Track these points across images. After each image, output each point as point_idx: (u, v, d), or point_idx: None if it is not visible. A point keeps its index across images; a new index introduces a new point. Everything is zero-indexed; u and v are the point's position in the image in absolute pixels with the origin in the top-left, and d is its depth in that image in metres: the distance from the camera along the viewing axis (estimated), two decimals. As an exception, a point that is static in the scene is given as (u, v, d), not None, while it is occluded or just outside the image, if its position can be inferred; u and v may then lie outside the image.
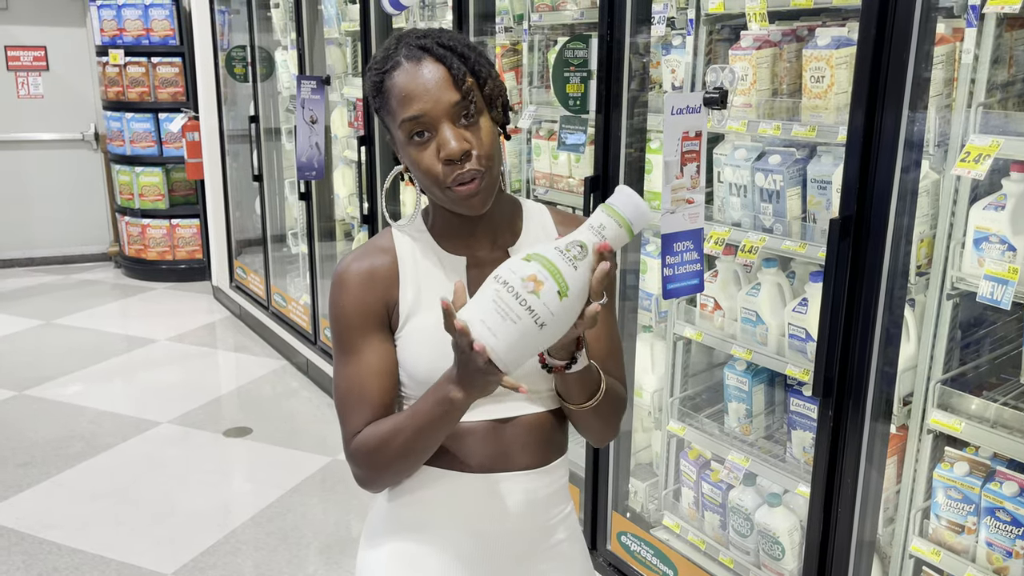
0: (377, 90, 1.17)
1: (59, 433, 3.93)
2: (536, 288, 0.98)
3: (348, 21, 3.99)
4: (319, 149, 4.02)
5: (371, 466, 1.21)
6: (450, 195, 1.16)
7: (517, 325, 0.99)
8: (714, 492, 2.44)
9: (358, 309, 1.22)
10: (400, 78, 1.14)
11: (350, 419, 1.22)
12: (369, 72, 1.19)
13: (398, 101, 1.14)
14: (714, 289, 2.38)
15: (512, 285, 0.99)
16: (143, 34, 6.23)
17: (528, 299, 0.98)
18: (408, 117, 1.13)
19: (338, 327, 1.23)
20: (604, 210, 1.04)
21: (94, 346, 5.09)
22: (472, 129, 1.14)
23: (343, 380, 1.23)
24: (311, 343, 4.57)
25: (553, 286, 0.99)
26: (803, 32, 2.18)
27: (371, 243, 1.27)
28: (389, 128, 1.20)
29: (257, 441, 3.89)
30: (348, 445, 1.23)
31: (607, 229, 1.03)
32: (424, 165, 1.15)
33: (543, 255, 1.01)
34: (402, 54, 1.15)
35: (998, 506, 1.75)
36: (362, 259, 1.24)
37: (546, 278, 0.99)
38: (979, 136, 1.66)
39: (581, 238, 1.02)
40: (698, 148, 1.64)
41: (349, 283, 1.22)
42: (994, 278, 1.64)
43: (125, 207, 6.50)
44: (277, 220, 5.30)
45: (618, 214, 1.03)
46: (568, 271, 1.00)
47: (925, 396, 1.85)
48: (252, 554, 2.99)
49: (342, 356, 1.23)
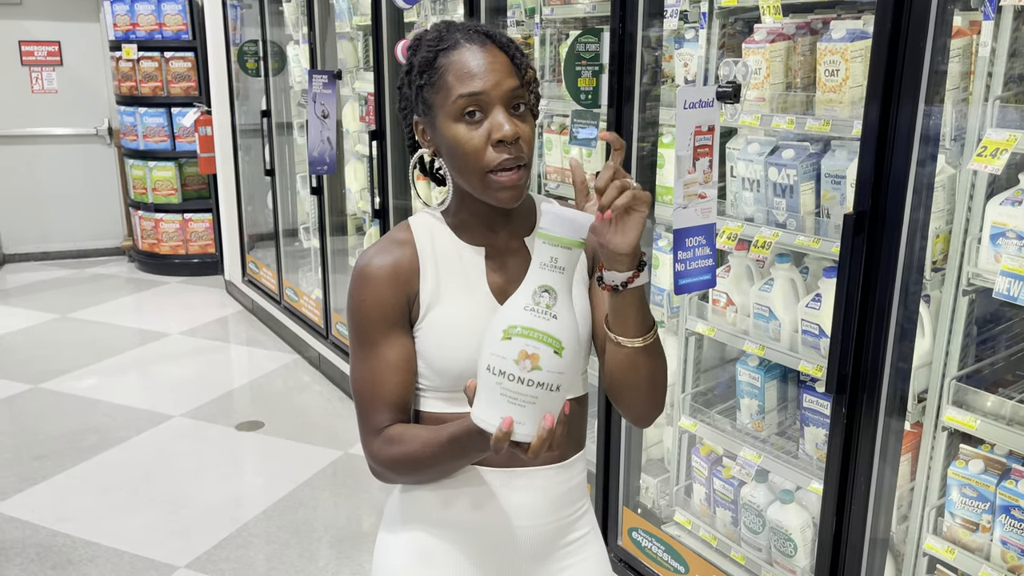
0: (428, 65, 1.17)
1: (73, 426, 3.96)
2: (534, 364, 0.96)
3: (360, 15, 3.99)
4: (331, 144, 4.02)
5: (396, 473, 1.23)
6: (489, 182, 1.15)
7: (537, 403, 0.98)
8: (726, 488, 2.43)
9: (380, 305, 1.21)
10: (461, 56, 1.15)
11: (371, 416, 1.23)
12: (417, 49, 1.19)
13: (457, 76, 1.14)
14: (727, 284, 2.36)
15: (510, 373, 0.97)
16: (156, 29, 6.25)
17: (532, 377, 0.96)
18: (468, 92, 1.13)
19: (358, 323, 1.23)
20: (545, 241, 0.99)
21: (108, 340, 5.12)
22: (521, 118, 1.16)
23: (362, 376, 1.23)
24: (323, 337, 4.59)
25: (547, 350, 0.96)
26: (817, 25, 2.16)
27: (390, 237, 1.26)
28: (432, 106, 1.18)
29: (269, 435, 3.90)
30: (370, 443, 1.23)
31: (560, 259, 0.99)
32: (472, 145, 1.14)
33: (519, 325, 0.97)
34: (460, 36, 1.17)
35: (1013, 504, 1.74)
36: (384, 254, 1.23)
37: (536, 347, 0.96)
38: (996, 130, 1.64)
39: (543, 283, 0.98)
40: (711, 142, 1.63)
41: (372, 279, 1.21)
42: (1011, 274, 1.62)
43: (138, 201, 6.53)
44: (289, 215, 5.31)
45: (559, 238, 0.98)
46: (551, 326, 0.97)
47: (940, 393, 1.84)
48: (264, 547, 3.01)
49: (361, 351, 1.23)
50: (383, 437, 1.21)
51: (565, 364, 0.98)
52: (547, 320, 0.97)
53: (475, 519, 1.26)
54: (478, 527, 1.26)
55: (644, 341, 1.17)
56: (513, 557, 1.28)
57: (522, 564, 1.28)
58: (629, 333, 1.17)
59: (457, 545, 1.27)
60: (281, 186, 5.26)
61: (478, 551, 1.27)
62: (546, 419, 0.99)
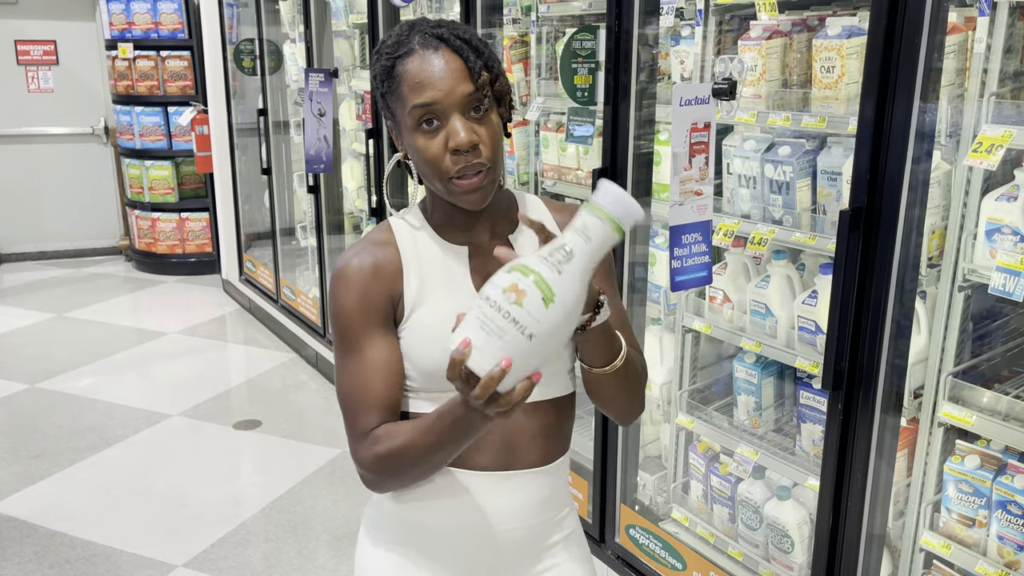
0: (387, 74, 1.16)
1: (71, 425, 3.96)
2: (518, 298, 0.93)
3: (356, 14, 3.99)
4: (327, 142, 4.02)
5: (383, 473, 1.18)
6: (451, 188, 1.15)
7: (503, 340, 0.93)
8: (723, 485, 2.43)
9: (362, 306, 1.19)
10: (414, 64, 1.13)
11: (357, 420, 1.19)
12: (379, 56, 1.17)
13: (410, 87, 1.13)
14: (723, 281, 2.37)
15: (494, 299, 0.94)
16: (152, 28, 6.24)
17: (511, 310, 0.92)
18: (420, 103, 1.12)
19: (341, 325, 1.20)
20: (588, 210, 0.96)
21: (105, 339, 5.12)
22: (481, 123, 1.14)
23: (348, 379, 1.20)
24: (320, 336, 4.58)
25: (536, 294, 0.93)
26: (813, 22, 2.16)
27: (369, 237, 1.24)
28: (395, 114, 1.18)
29: (267, 433, 3.90)
30: (357, 448, 1.19)
31: (591, 230, 0.95)
32: (430, 154, 1.13)
33: (523, 263, 0.95)
34: (416, 41, 1.14)
35: (1009, 499, 1.74)
36: (363, 254, 1.21)
37: (528, 287, 0.93)
38: (991, 126, 1.64)
39: (566, 242, 0.96)
40: (707, 139, 1.63)
41: (352, 279, 1.19)
42: (1006, 270, 1.62)
43: (135, 201, 6.52)
44: (286, 213, 5.31)
45: (603, 212, 0.95)
46: (552, 276, 0.94)
47: (936, 389, 1.84)
48: (262, 546, 3.01)
49: (345, 355, 1.20)
50: (370, 439, 1.17)
51: (548, 318, 0.93)
52: (552, 270, 0.94)
53: (459, 525, 1.25)
54: (462, 533, 1.25)
55: (612, 368, 1.17)
56: (497, 561, 1.27)
57: (507, 567, 1.28)
58: (596, 364, 1.17)
59: (441, 552, 1.26)
60: (278, 185, 5.25)
61: (462, 557, 1.26)
62: (504, 361, 0.93)
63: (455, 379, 0.96)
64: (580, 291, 0.96)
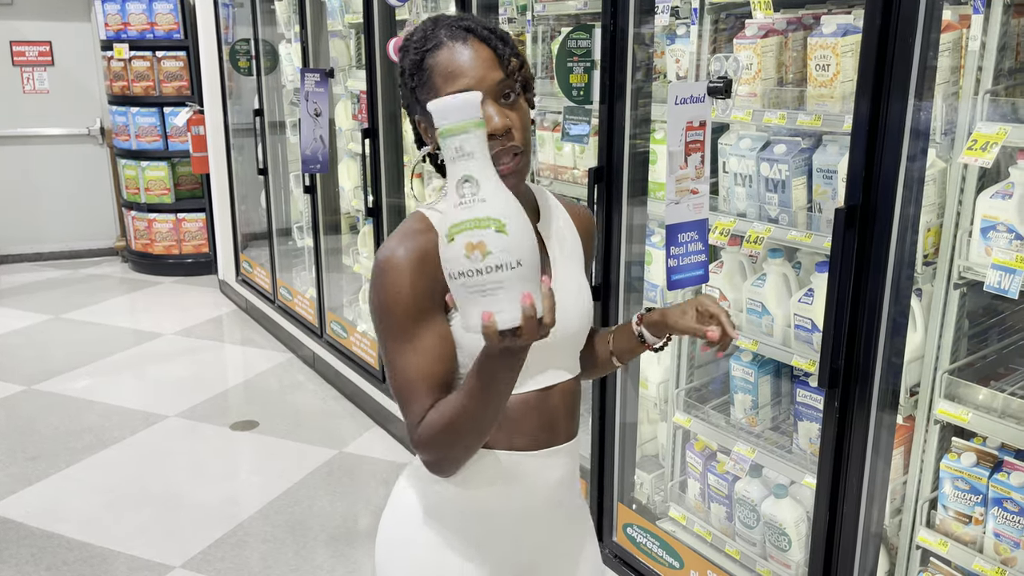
0: (417, 68, 1.19)
1: (68, 427, 3.95)
2: (482, 251, 0.94)
3: (351, 13, 3.98)
4: (323, 142, 4.01)
5: (444, 447, 1.19)
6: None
7: (505, 285, 0.95)
8: (720, 483, 2.43)
9: (414, 293, 1.18)
10: (444, 55, 1.17)
11: (414, 406, 1.19)
12: (406, 52, 1.21)
13: (443, 77, 1.16)
14: (719, 280, 2.37)
15: (467, 269, 0.95)
16: (147, 28, 6.23)
17: (487, 263, 0.94)
18: (453, 91, 1.14)
19: (392, 315, 1.19)
20: (444, 135, 0.97)
21: (102, 340, 5.11)
22: (512, 108, 1.18)
23: (405, 369, 1.19)
24: (317, 336, 4.58)
25: (488, 232, 0.94)
26: (808, 20, 2.16)
27: (408, 228, 1.23)
28: (423, 104, 1.20)
29: (264, 434, 3.90)
30: (416, 433, 1.20)
31: (465, 145, 0.97)
32: None
33: (455, 222, 0.96)
34: (444, 34, 1.18)
35: (1006, 496, 1.74)
36: (408, 242, 1.20)
37: (478, 235, 0.94)
38: (986, 124, 1.64)
39: (460, 174, 0.97)
40: (702, 138, 1.63)
41: (402, 268, 1.18)
42: (1002, 267, 1.63)
43: (131, 202, 6.51)
44: (282, 214, 5.30)
45: (456, 126, 0.96)
46: (482, 209, 0.95)
47: (932, 386, 1.84)
48: (259, 546, 3.00)
49: (399, 344, 1.19)
50: (426, 421, 1.19)
51: (513, 238, 0.95)
52: (476, 205, 0.96)
53: (517, 505, 1.30)
54: (521, 513, 1.31)
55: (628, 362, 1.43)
56: (540, 531, 1.34)
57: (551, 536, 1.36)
58: (623, 361, 1.44)
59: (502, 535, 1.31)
60: (274, 185, 5.25)
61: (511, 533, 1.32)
62: (524, 297, 0.96)
63: (500, 345, 0.99)
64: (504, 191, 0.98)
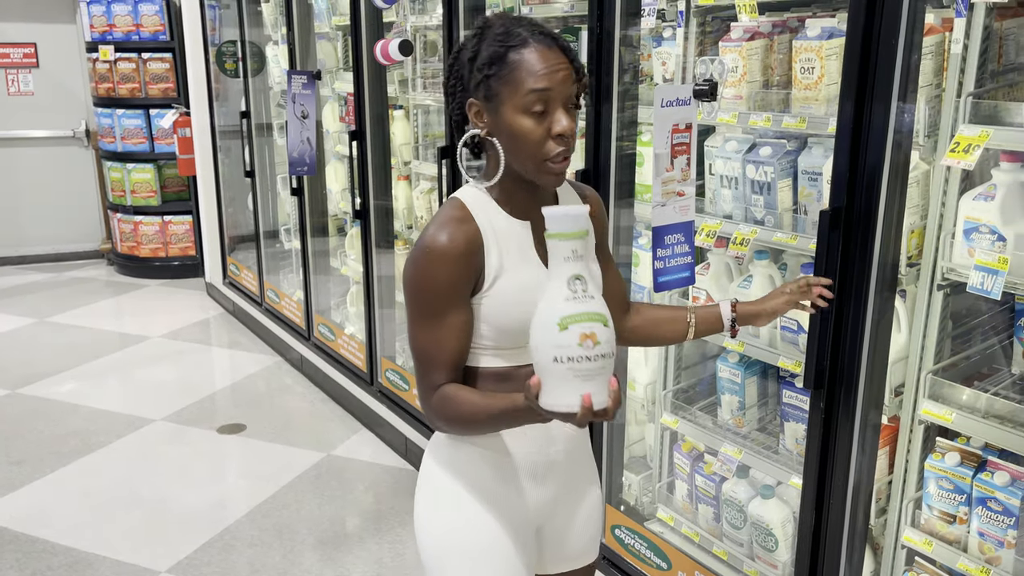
0: (499, 59, 1.30)
1: (53, 431, 3.92)
2: (593, 341, 1.11)
3: (339, 15, 3.98)
4: (310, 144, 4.00)
5: (447, 424, 1.39)
6: (543, 167, 1.32)
7: (603, 372, 1.13)
8: (708, 484, 2.44)
9: (451, 280, 1.33)
10: (533, 55, 1.29)
11: (431, 375, 1.37)
12: (483, 39, 1.32)
13: (529, 72, 1.28)
14: (706, 282, 2.38)
15: (578, 356, 1.11)
16: (133, 30, 6.20)
17: (596, 352, 1.11)
18: (539, 88, 1.28)
19: (426, 295, 1.34)
20: (559, 239, 1.12)
21: (87, 344, 5.07)
22: (573, 116, 1.33)
23: (425, 339, 1.36)
24: (305, 339, 4.57)
25: (598, 325, 1.11)
26: (794, 23, 2.18)
27: (449, 215, 1.36)
28: (497, 94, 1.30)
29: (251, 437, 3.88)
30: (429, 397, 1.38)
31: (578, 249, 1.13)
32: (536, 136, 1.30)
33: (568, 314, 1.11)
34: (527, 34, 1.30)
35: (989, 496, 1.76)
36: (453, 231, 1.33)
37: (591, 327, 1.11)
38: (968, 126, 1.66)
39: (572, 273, 1.13)
40: (688, 140, 1.64)
41: (446, 255, 1.32)
42: (984, 268, 1.64)
43: (117, 204, 6.47)
44: (269, 216, 5.28)
45: (571, 234, 1.12)
46: (593, 305, 1.12)
47: (916, 387, 1.85)
48: (246, 551, 2.99)
49: (425, 319, 1.35)
50: (439, 394, 1.37)
51: (611, 333, 1.13)
52: (588, 302, 1.12)
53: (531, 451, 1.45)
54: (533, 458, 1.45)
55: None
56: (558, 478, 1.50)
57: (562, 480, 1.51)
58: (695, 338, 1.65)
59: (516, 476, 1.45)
60: (261, 187, 5.23)
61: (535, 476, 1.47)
62: (611, 382, 1.14)
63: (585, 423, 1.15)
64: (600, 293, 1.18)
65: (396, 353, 3.87)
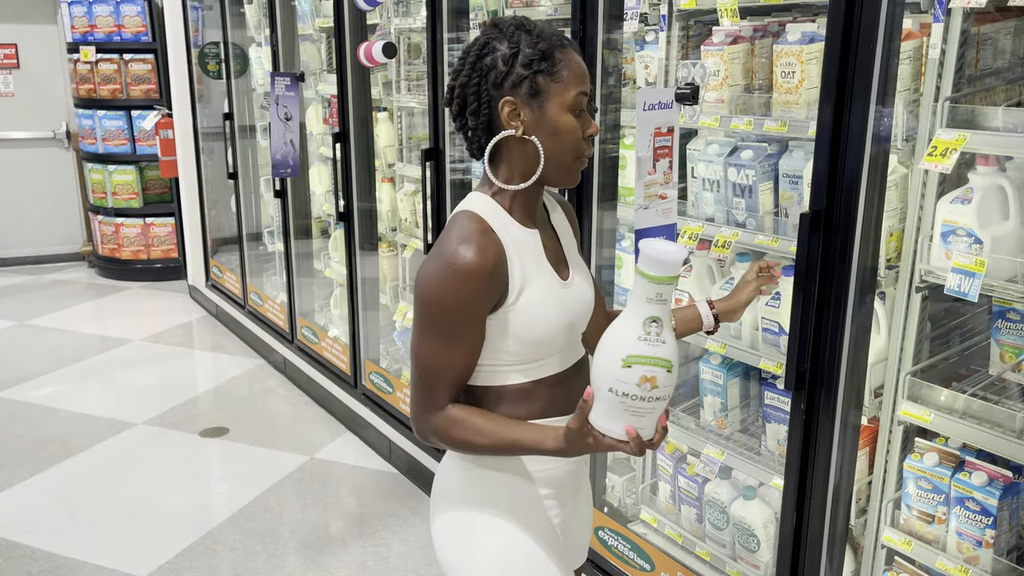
0: (547, 56, 1.30)
1: (32, 435, 3.88)
2: (652, 384, 1.14)
3: (323, 17, 3.97)
4: (294, 146, 3.99)
5: (449, 445, 1.36)
6: (574, 165, 1.35)
7: (655, 411, 1.17)
8: (690, 486, 2.45)
9: (476, 300, 1.29)
10: (575, 58, 1.32)
11: (434, 392, 1.34)
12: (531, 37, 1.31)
13: (575, 75, 1.31)
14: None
15: (634, 394, 1.14)
16: (115, 31, 6.16)
17: (652, 395, 1.14)
18: (583, 91, 1.32)
19: (445, 313, 1.29)
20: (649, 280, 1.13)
21: (68, 347, 5.03)
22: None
23: (436, 359, 1.32)
24: (288, 342, 4.55)
25: (662, 371, 1.14)
26: (775, 28, 2.19)
27: (470, 228, 1.31)
28: (543, 91, 1.30)
29: (234, 441, 3.86)
30: (429, 416, 1.34)
31: (663, 293, 1.13)
32: (577, 135, 1.33)
33: (637, 354, 1.13)
34: (564, 39, 1.33)
35: (967, 496, 1.77)
36: (483, 245, 1.29)
37: (654, 371, 1.14)
38: (946, 130, 1.68)
39: (652, 315, 1.14)
40: (670, 144, 1.65)
41: (476, 274, 1.27)
42: (961, 271, 1.66)
43: (98, 206, 6.42)
44: (253, 218, 5.26)
45: (662, 278, 1.12)
46: (662, 351, 1.14)
47: (896, 388, 1.87)
48: (228, 554, 2.97)
49: (439, 337, 1.31)
50: (446, 416, 1.34)
51: (674, 378, 1.16)
52: (658, 346, 1.14)
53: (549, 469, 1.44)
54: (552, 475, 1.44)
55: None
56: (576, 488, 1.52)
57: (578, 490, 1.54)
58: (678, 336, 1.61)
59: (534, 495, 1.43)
60: (244, 189, 5.21)
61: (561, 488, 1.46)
62: (661, 419, 1.19)
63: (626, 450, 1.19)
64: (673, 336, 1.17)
65: (380, 356, 3.86)
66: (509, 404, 1.38)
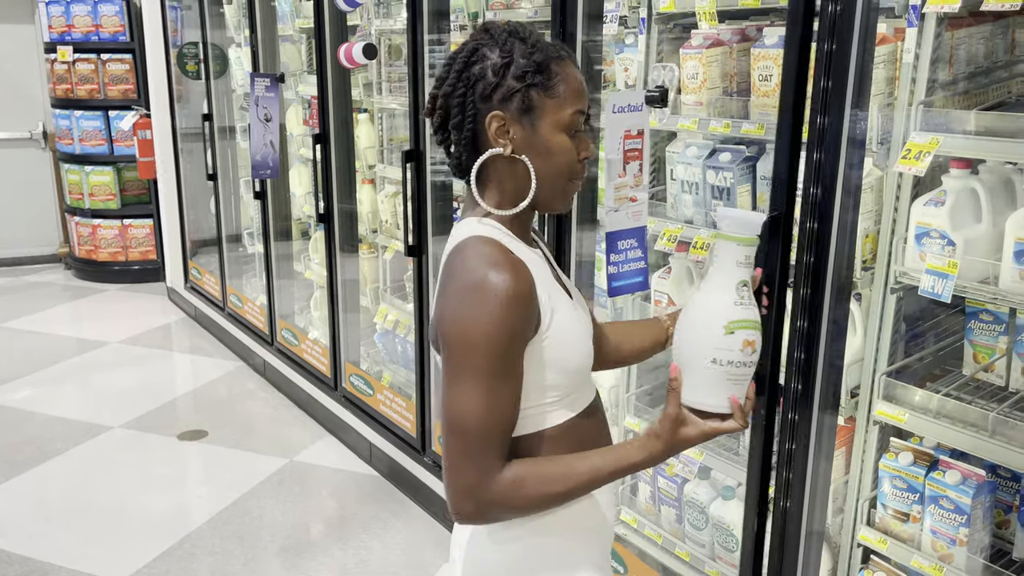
0: (543, 69, 1.18)
1: (8, 439, 3.84)
2: (753, 348, 1.15)
3: (303, 18, 3.95)
4: (274, 147, 3.97)
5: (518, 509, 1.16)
6: (568, 187, 1.25)
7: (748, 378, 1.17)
8: (670, 486, 2.46)
9: (521, 331, 1.14)
10: (573, 72, 1.21)
11: (488, 452, 1.12)
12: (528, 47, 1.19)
13: (573, 91, 1.20)
14: (668, 286, 2.40)
15: (738, 361, 1.13)
16: (92, 30, 6.10)
17: (753, 359, 1.15)
18: (581, 110, 1.21)
19: (491, 350, 1.11)
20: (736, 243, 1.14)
21: (44, 349, 4.97)
22: None
23: (487, 412, 1.11)
24: (268, 344, 4.52)
25: (758, 334, 1.15)
26: (752, 31, 2.21)
27: (493, 252, 1.16)
28: (536, 107, 1.18)
29: (213, 444, 3.83)
30: (489, 486, 1.11)
31: (750, 256, 1.15)
32: (571, 156, 1.22)
33: (736, 319, 1.13)
34: (559, 49, 1.21)
35: (941, 495, 1.80)
36: (516, 267, 1.14)
37: (754, 335, 1.15)
38: (920, 134, 1.70)
39: (741, 278, 1.15)
40: (640, 146, 1.65)
41: (516, 302, 1.11)
42: (935, 272, 1.68)
43: (75, 207, 6.35)
44: (232, 220, 5.22)
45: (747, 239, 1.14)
46: (755, 313, 1.15)
47: (871, 388, 1.89)
48: (207, 559, 2.95)
49: (485, 384, 1.11)
50: (508, 479, 1.12)
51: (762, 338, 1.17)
52: (752, 309, 1.15)
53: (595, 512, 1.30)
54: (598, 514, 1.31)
55: None
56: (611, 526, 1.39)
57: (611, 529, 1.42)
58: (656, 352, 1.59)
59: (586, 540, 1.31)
60: (224, 191, 5.17)
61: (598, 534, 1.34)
62: (751, 386, 1.16)
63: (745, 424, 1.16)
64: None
65: (360, 358, 3.85)
66: (549, 449, 1.21)
